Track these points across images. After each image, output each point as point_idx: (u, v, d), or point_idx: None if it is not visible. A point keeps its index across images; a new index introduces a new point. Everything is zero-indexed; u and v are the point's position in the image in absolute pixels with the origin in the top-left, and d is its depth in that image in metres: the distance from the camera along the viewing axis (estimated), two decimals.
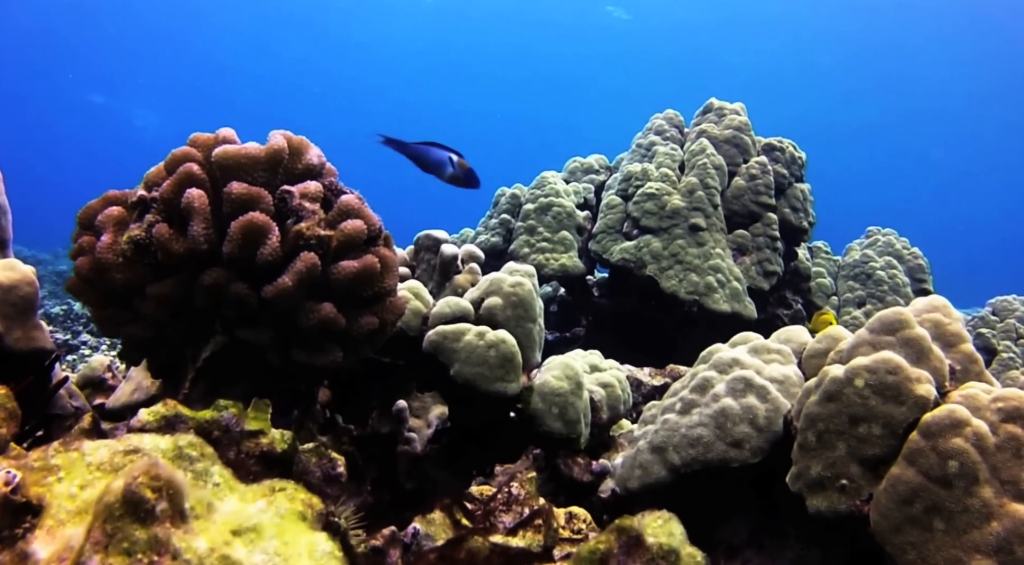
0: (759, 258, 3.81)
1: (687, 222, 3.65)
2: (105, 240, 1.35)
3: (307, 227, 1.31)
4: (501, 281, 2.02)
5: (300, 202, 1.34)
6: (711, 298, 3.51)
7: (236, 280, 1.30)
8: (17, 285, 1.54)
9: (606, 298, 4.15)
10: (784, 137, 4.23)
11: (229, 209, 1.29)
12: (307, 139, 1.45)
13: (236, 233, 1.26)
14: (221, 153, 1.31)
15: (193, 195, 1.26)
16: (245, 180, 1.33)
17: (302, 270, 1.27)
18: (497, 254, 3.94)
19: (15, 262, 1.57)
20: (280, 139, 1.37)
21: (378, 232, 1.45)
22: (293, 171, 1.42)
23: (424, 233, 2.57)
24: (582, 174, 4.29)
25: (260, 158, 1.34)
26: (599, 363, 2.38)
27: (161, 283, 1.33)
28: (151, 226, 1.31)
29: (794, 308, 4.50)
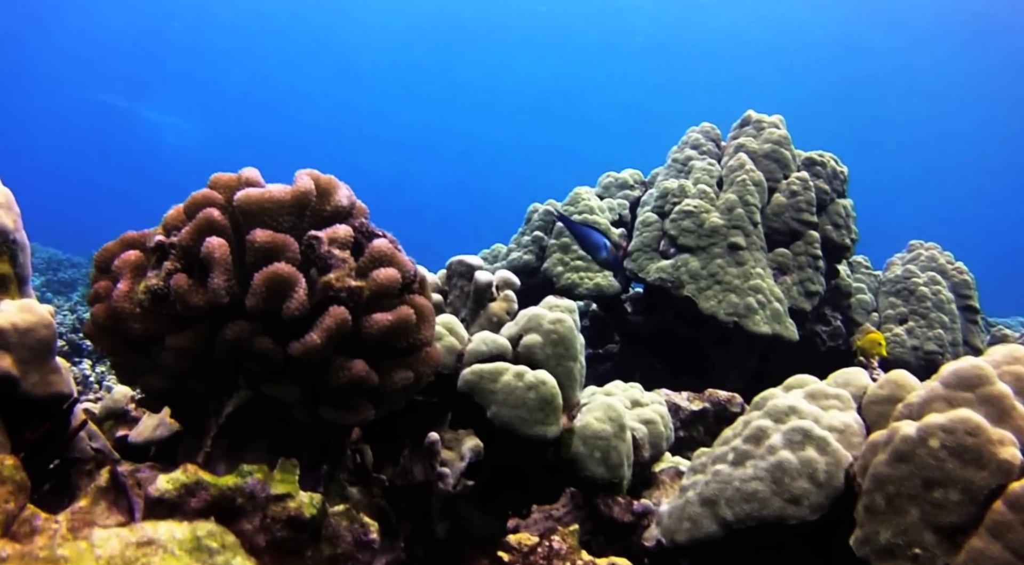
0: (800, 277, 3.68)
1: (726, 240, 3.53)
2: (121, 288, 1.27)
3: (336, 278, 1.21)
4: (540, 317, 1.92)
5: (329, 249, 1.24)
6: (751, 320, 3.39)
7: (260, 334, 1.21)
8: (34, 328, 1.45)
9: (640, 315, 4.04)
10: (824, 151, 4.10)
11: (253, 258, 1.20)
12: (335, 179, 1.36)
13: (260, 286, 1.17)
14: (244, 198, 1.22)
15: (213, 245, 1.17)
16: (269, 225, 1.24)
17: (331, 327, 1.18)
18: (530, 272, 3.84)
19: (32, 303, 1.49)
20: (307, 180, 1.28)
21: (412, 278, 1.35)
22: (321, 213, 1.33)
23: (457, 259, 2.48)
24: (616, 189, 4.18)
25: (285, 202, 1.25)
26: (640, 397, 2.27)
27: (180, 335, 1.25)
28: (169, 275, 1.22)
29: (833, 325, 4.36)
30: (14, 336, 1.45)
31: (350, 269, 1.25)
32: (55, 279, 10.31)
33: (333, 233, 1.27)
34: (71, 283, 10.35)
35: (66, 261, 11.30)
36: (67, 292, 10.01)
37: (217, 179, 1.31)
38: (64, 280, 10.35)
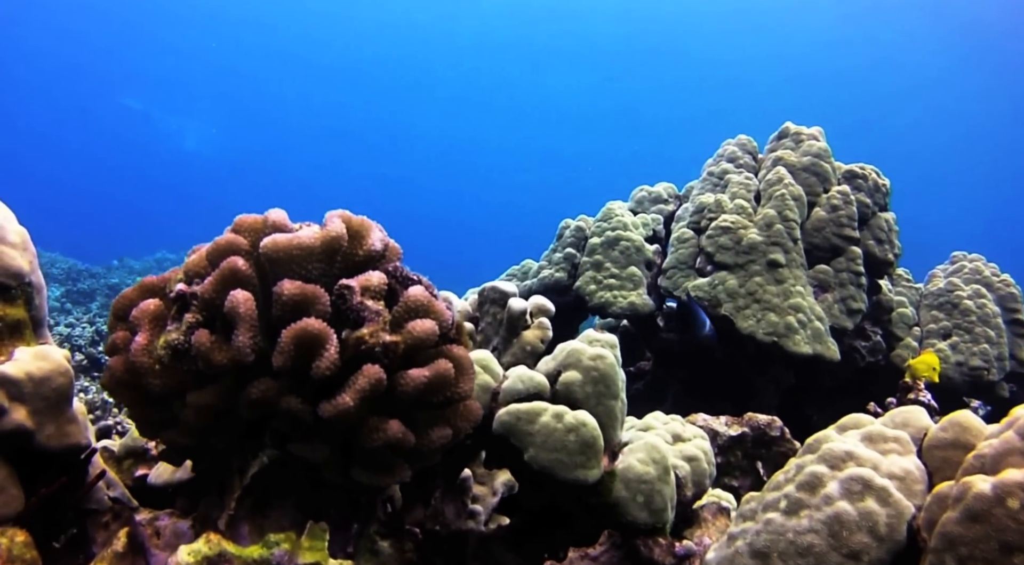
0: (842, 295, 3.56)
1: (765, 258, 3.41)
2: (140, 341, 1.19)
3: (370, 333, 1.13)
4: (580, 353, 1.82)
5: (361, 300, 1.16)
6: (791, 340, 3.27)
7: (288, 393, 1.13)
8: (49, 376, 1.38)
9: (674, 333, 3.93)
10: (866, 163, 3.97)
11: (280, 312, 1.12)
12: (368, 220, 1.27)
13: (288, 344, 1.08)
14: (271, 245, 1.13)
15: (238, 299, 1.09)
16: (298, 274, 1.15)
17: (365, 388, 1.09)
18: (562, 290, 3.75)
19: (48, 350, 1.41)
20: (338, 224, 1.19)
21: (450, 327, 1.26)
22: (353, 258, 1.24)
23: (491, 285, 2.39)
24: (650, 204, 4.07)
25: (315, 249, 1.16)
26: (682, 431, 2.16)
27: (202, 392, 1.16)
28: (191, 329, 1.14)
29: (873, 340, 4.22)
30: (29, 386, 1.37)
31: (384, 322, 1.16)
32: (74, 290, 10.35)
33: (366, 281, 1.19)
34: (90, 293, 10.37)
35: (85, 271, 11.34)
36: (86, 302, 10.03)
37: (242, 222, 1.23)
38: (83, 290, 10.38)
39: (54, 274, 10.80)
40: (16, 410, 1.35)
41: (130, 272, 12.64)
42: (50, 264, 11.22)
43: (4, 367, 1.36)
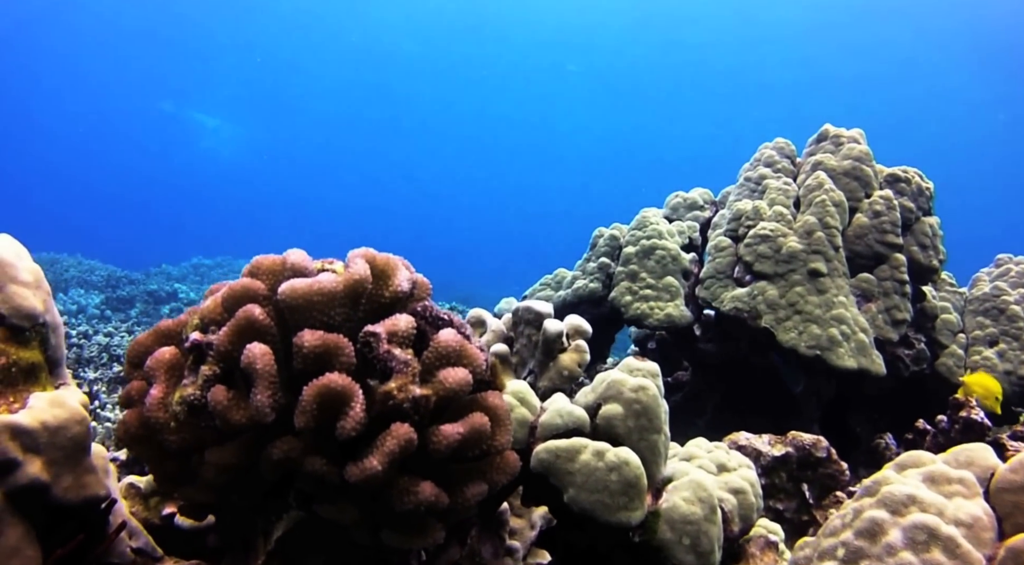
0: (886, 305, 3.43)
1: (806, 267, 3.30)
2: (155, 394, 1.12)
3: (398, 387, 1.05)
4: (621, 384, 1.73)
5: (388, 348, 1.08)
6: (835, 353, 3.15)
7: (312, 452, 1.06)
8: (65, 425, 1.32)
9: (712, 343, 3.82)
10: (908, 166, 3.83)
11: (301, 365, 1.04)
12: (395, 259, 1.19)
13: (310, 403, 1.01)
14: (289, 292, 1.06)
15: (255, 354, 1.02)
16: (319, 321, 1.08)
17: (394, 450, 1.01)
18: (596, 301, 3.65)
19: (63, 396, 1.35)
20: (361, 266, 1.11)
21: (484, 372, 1.18)
22: (379, 299, 1.16)
23: (525, 305, 2.31)
24: (685, 210, 3.96)
25: (337, 294, 1.09)
26: (727, 461, 2.07)
27: (222, 449, 1.09)
28: (207, 383, 1.07)
29: (917, 348, 4.07)
30: (44, 436, 1.31)
31: (413, 373, 1.08)
32: (114, 297, 10.41)
33: (393, 327, 1.11)
34: (129, 300, 10.43)
35: (124, 278, 11.42)
36: (125, 309, 10.09)
37: (259, 264, 1.15)
38: (123, 297, 10.45)
39: (93, 281, 10.89)
40: (31, 463, 1.29)
41: (168, 278, 12.72)
42: (90, 271, 11.32)
43: (17, 417, 1.30)
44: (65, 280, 10.71)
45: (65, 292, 10.17)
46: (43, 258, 11.88)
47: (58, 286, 10.57)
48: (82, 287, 10.56)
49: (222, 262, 15.30)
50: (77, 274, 11.06)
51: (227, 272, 14.40)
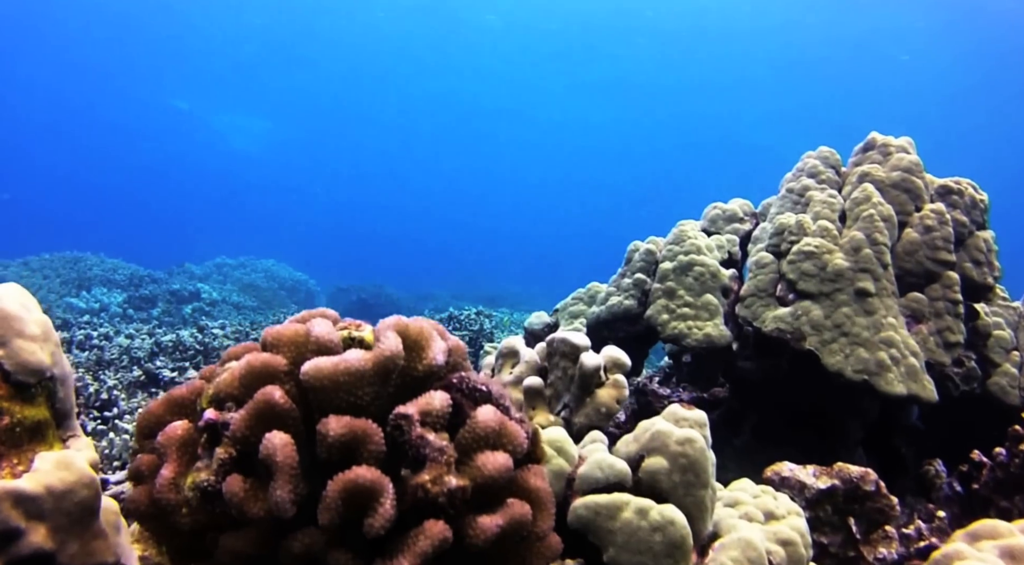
0: (938, 326, 3.27)
1: (853, 286, 3.15)
2: (165, 474, 1.02)
3: (432, 479, 0.93)
4: (666, 436, 1.60)
5: (421, 433, 0.97)
6: (883, 378, 3.00)
7: (336, 546, 0.95)
8: (72, 489, 1.22)
9: (750, 361, 3.67)
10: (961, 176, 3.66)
11: (326, 455, 0.93)
12: (428, 328, 1.07)
13: (335, 499, 0.90)
14: (314, 372, 0.95)
15: (275, 446, 0.91)
16: (346, 401, 0.97)
17: (427, 550, 0.90)
18: (631, 318, 3.52)
19: (70, 458, 1.25)
20: (392, 341, 1.00)
21: (524, 452, 1.06)
22: (411, 373, 1.05)
23: (561, 337, 2.19)
24: (724, 223, 3.81)
25: (365, 373, 0.97)
26: (775, 508, 1.94)
27: (237, 535, 0.99)
28: (222, 468, 0.96)
29: (967, 366, 3.90)
30: (49, 502, 1.21)
31: (448, 461, 0.97)
32: (136, 295, 10.43)
33: (427, 407, 0.99)
34: (152, 299, 10.45)
35: (147, 277, 11.46)
36: (147, 308, 10.10)
37: (279, 336, 1.04)
38: (145, 296, 10.46)
39: (117, 280, 10.93)
40: (34, 531, 1.19)
41: (191, 277, 12.76)
42: (113, 270, 11.37)
43: (21, 482, 1.20)
44: (88, 278, 10.75)
45: (88, 290, 10.19)
46: (66, 257, 11.94)
47: (81, 284, 10.61)
48: (105, 286, 10.59)
49: (245, 262, 15.29)
50: (100, 273, 11.10)
51: (249, 271, 14.41)
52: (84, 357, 6.49)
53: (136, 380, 6.08)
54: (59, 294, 10.40)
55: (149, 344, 7.12)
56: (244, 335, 7.84)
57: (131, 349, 6.90)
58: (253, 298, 12.41)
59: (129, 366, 6.44)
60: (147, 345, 7.09)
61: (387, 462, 0.97)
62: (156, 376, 6.09)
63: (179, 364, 6.50)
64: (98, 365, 6.39)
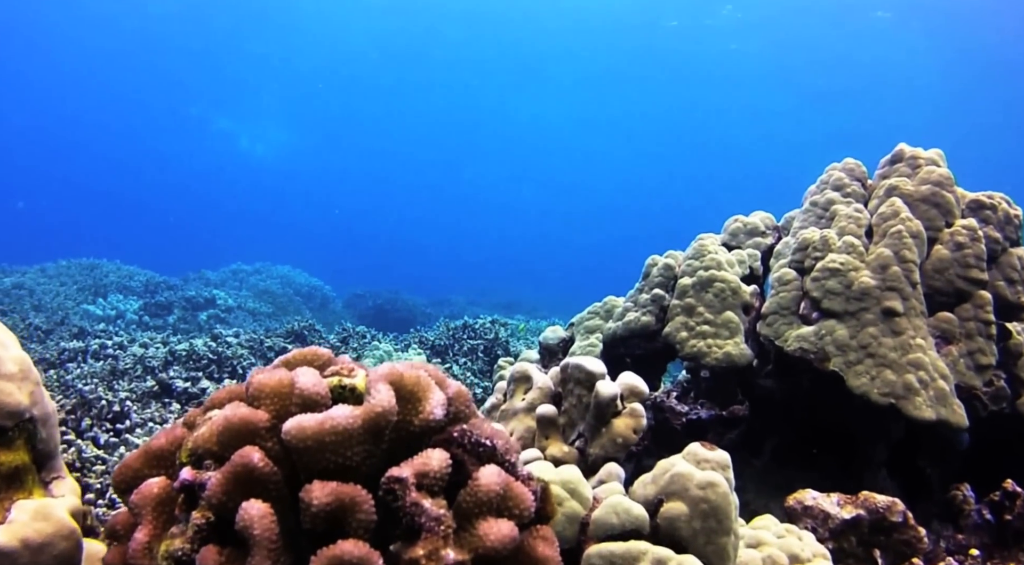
0: (969, 348, 3.15)
1: (879, 305, 3.03)
2: (140, 538, 0.93)
3: (427, 554, 0.85)
4: (687, 479, 1.50)
5: (416, 499, 0.88)
6: (911, 402, 2.89)
7: None
8: (50, 542, 1.14)
9: (771, 379, 3.56)
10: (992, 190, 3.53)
11: (310, 525, 0.84)
12: (425, 378, 0.98)
13: None
14: (296, 432, 0.86)
15: (252, 517, 0.82)
16: (333, 462, 0.88)
17: None
18: (648, 335, 3.42)
19: (49, 508, 1.17)
20: (385, 396, 0.91)
21: (531, 517, 0.97)
22: (407, 428, 0.96)
23: (575, 363, 2.10)
24: (745, 237, 3.70)
25: (354, 431, 0.89)
26: (799, 551, 1.83)
27: None
28: (198, 535, 0.88)
29: (996, 385, 3.76)
30: (25, 556, 1.13)
31: (446, 532, 0.87)
32: (152, 302, 10.42)
33: (423, 468, 0.90)
34: (168, 306, 10.44)
35: (163, 283, 11.47)
36: (163, 315, 10.09)
37: (262, 387, 0.95)
38: (161, 303, 10.45)
39: (133, 287, 10.94)
40: None
41: (206, 284, 12.75)
42: (129, 277, 11.38)
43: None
44: (105, 285, 10.76)
45: (104, 297, 10.19)
46: (83, 263, 11.96)
47: (98, 291, 10.61)
48: (121, 292, 10.59)
49: (261, 268, 15.28)
50: (116, 279, 11.11)
51: (265, 278, 14.39)
52: (99, 367, 6.46)
53: (150, 390, 6.05)
54: (76, 301, 10.40)
55: (163, 353, 7.08)
56: (258, 343, 7.79)
57: (145, 358, 6.86)
58: (269, 304, 12.38)
59: (143, 376, 6.41)
60: (161, 354, 7.06)
61: (380, 528, 0.88)
62: (169, 386, 6.04)
63: (192, 374, 6.45)
64: (112, 375, 6.36)
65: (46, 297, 10.15)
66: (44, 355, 7.03)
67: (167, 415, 5.43)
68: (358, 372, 1.02)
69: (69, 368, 6.60)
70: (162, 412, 5.56)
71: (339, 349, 7.60)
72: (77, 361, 6.88)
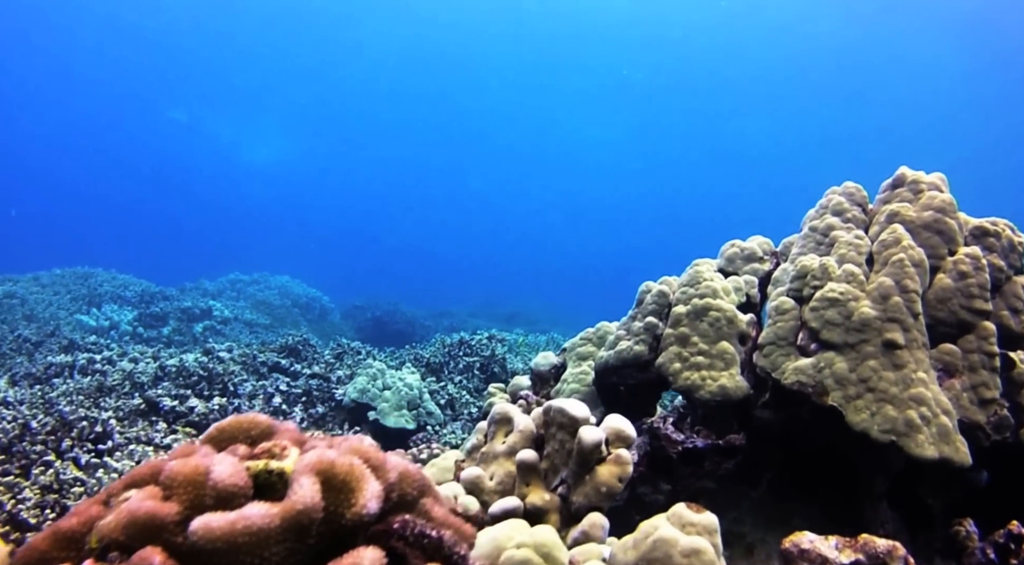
0: (972, 381, 3.03)
1: (880, 337, 2.92)
2: None
3: None
4: (670, 545, 1.39)
5: None
6: (913, 439, 2.77)
7: None
8: None
9: (769, 410, 3.45)
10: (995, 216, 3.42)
11: None
12: (359, 468, 0.87)
13: None
14: (203, 533, 0.75)
15: None
16: (248, 563, 0.76)
17: None
18: (641, 365, 3.30)
19: None
20: (307, 492, 0.80)
21: None
22: (338, 521, 0.85)
23: (558, 407, 1.99)
24: (742, 262, 3.59)
25: (271, 532, 0.78)
26: None
27: None
28: None
29: (999, 414, 3.65)
30: None
31: None
32: (147, 313, 10.32)
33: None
34: (163, 317, 10.33)
35: (159, 294, 11.36)
36: (158, 326, 9.98)
37: (174, 476, 0.84)
38: (156, 314, 10.35)
39: (127, 297, 10.83)
40: None
41: (203, 294, 12.65)
42: (124, 286, 11.28)
43: None
44: (99, 295, 10.65)
45: (99, 307, 10.09)
46: (77, 272, 11.86)
47: (92, 301, 10.51)
48: (115, 302, 10.49)
49: (259, 278, 15.17)
50: (111, 289, 11.01)
51: (263, 288, 14.28)
52: (86, 383, 6.35)
53: (136, 408, 5.94)
54: (69, 310, 10.31)
55: (153, 368, 6.97)
56: (251, 358, 7.67)
57: (134, 374, 6.74)
58: (266, 316, 12.27)
59: (131, 392, 6.30)
60: (151, 369, 6.95)
61: None
62: (156, 404, 5.93)
63: (182, 392, 6.33)
64: (99, 391, 6.25)
65: (39, 307, 10.05)
66: (31, 370, 6.92)
67: (152, 434, 5.32)
68: (291, 451, 0.91)
69: (55, 384, 6.49)
70: (148, 431, 5.45)
71: (333, 365, 7.49)
72: (64, 376, 6.77)
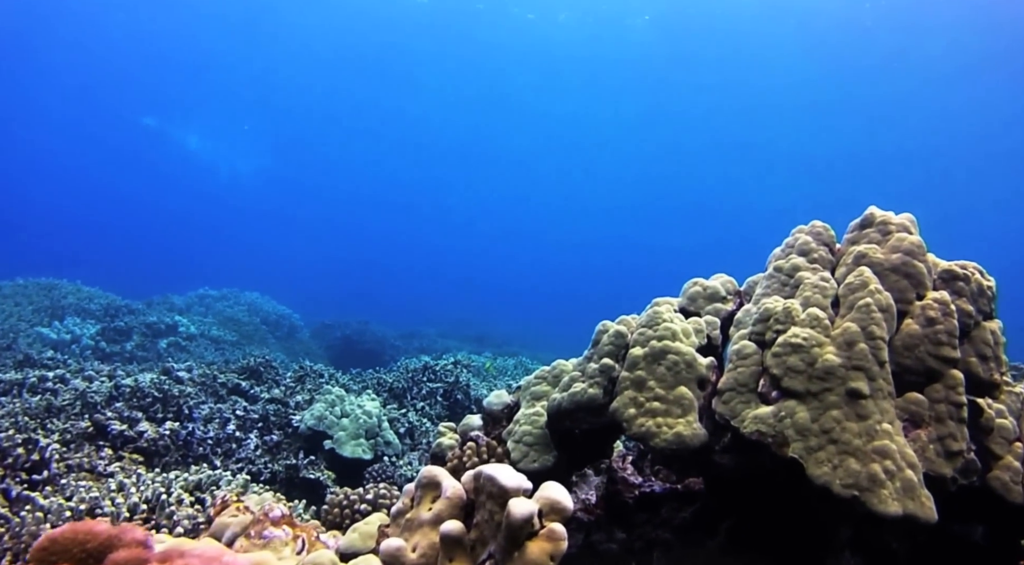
0: (939, 433, 2.92)
1: (844, 385, 2.80)
2: None
3: None
4: None
5: None
6: (876, 495, 2.65)
7: None
8: None
9: (728, 454, 3.32)
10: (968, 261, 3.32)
11: None
12: None
13: None
14: None
15: None
16: None
17: None
18: (596, 409, 3.16)
19: None
20: None
21: None
22: None
23: (488, 474, 1.84)
24: (704, 302, 3.46)
25: None
26: None
27: None
28: None
29: (966, 458, 3.54)
30: None
31: None
32: (111, 327, 10.06)
33: None
34: (127, 332, 10.08)
35: (124, 307, 11.09)
36: (122, 341, 9.74)
37: None
38: (120, 329, 10.10)
39: (92, 310, 10.56)
40: None
41: (170, 309, 12.39)
42: (88, 299, 11.01)
43: None
44: (62, 307, 10.39)
45: (61, 320, 9.83)
46: (41, 283, 11.58)
47: (54, 313, 10.25)
48: (79, 315, 10.23)
49: (228, 294, 14.91)
50: (75, 301, 10.73)
51: (232, 304, 14.05)
52: (35, 403, 6.12)
53: (84, 431, 5.73)
54: (30, 322, 10.03)
55: (107, 388, 6.75)
56: (211, 379, 7.47)
57: (87, 393, 6.52)
58: (233, 332, 12.02)
59: (82, 413, 6.08)
60: (105, 389, 6.73)
61: None
62: (105, 428, 5.72)
63: (134, 413, 6.12)
64: (47, 412, 6.02)
65: None
66: None
67: (96, 462, 5.11)
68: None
69: (2, 402, 6.26)
70: (92, 458, 5.24)
71: (294, 388, 7.31)
72: (12, 395, 6.53)
